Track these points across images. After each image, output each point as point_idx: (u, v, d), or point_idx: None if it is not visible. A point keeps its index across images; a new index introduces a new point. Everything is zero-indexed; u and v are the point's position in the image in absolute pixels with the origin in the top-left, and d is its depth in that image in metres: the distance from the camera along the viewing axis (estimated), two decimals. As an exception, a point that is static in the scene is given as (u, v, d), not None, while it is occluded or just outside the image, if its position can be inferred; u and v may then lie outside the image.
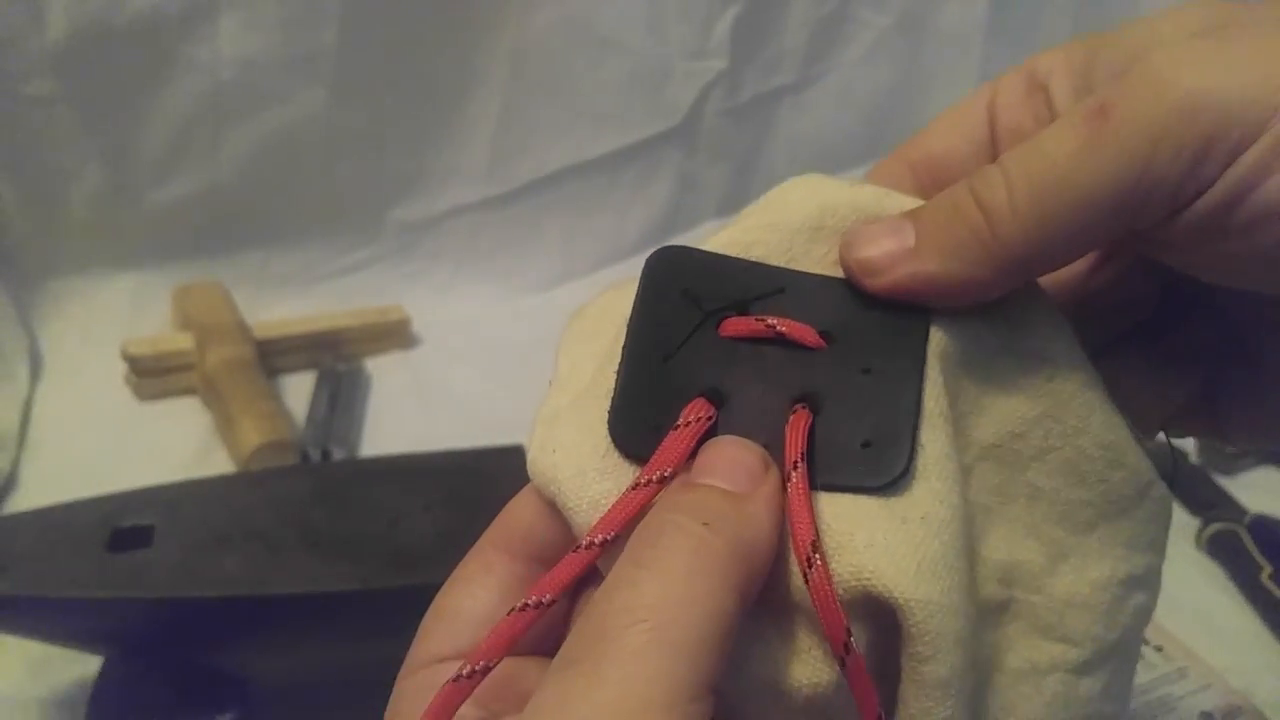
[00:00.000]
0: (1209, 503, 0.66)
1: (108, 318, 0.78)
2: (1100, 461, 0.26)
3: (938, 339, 0.24)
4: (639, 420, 0.23)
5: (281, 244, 0.84)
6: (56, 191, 0.77)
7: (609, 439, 0.24)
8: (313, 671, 0.49)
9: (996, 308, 0.26)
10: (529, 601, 0.22)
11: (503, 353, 0.79)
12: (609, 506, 0.22)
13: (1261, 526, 0.62)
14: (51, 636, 0.47)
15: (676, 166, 0.92)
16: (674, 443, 0.23)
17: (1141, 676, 0.51)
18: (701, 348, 0.24)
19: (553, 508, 0.24)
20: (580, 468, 0.23)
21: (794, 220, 0.26)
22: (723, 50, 0.88)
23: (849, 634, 0.21)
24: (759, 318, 0.24)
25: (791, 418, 0.23)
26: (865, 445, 0.23)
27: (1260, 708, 0.50)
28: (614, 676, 0.19)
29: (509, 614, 0.22)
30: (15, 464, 0.66)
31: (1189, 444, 0.72)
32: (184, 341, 0.73)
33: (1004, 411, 0.26)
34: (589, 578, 0.23)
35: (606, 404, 0.24)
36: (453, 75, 0.83)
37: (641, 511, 0.22)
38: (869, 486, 0.22)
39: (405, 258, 0.88)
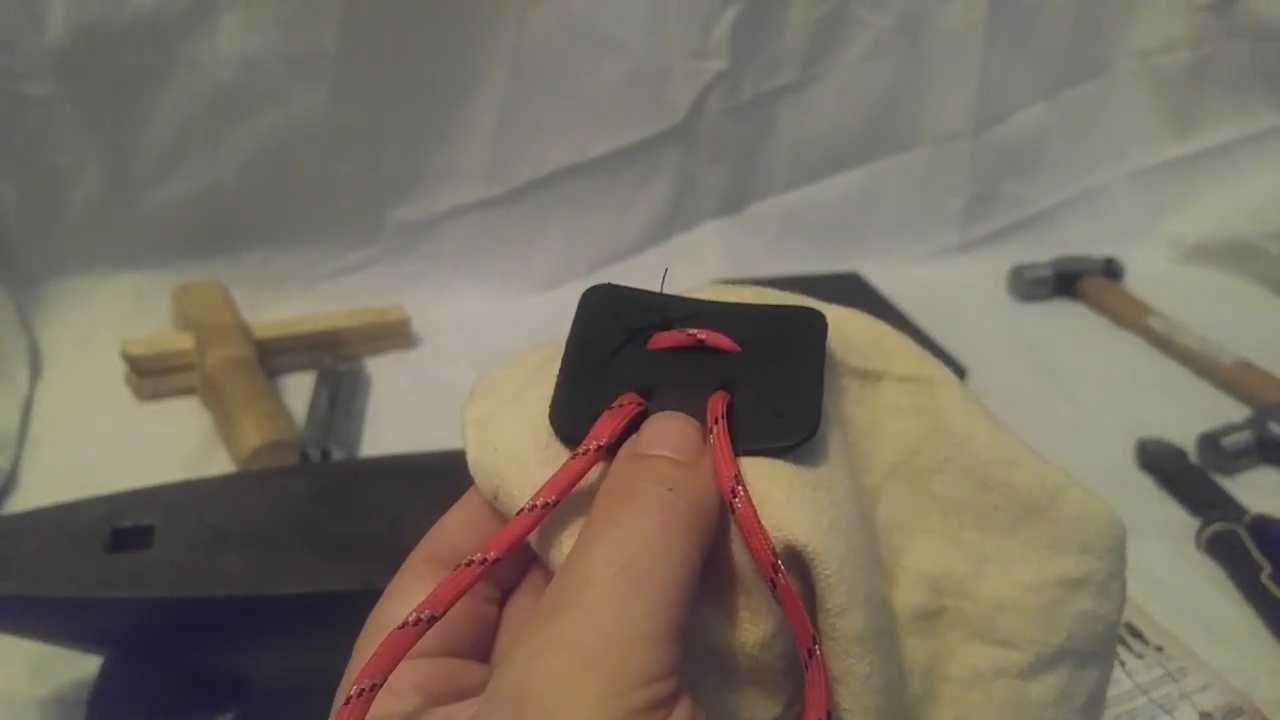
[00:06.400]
0: (1209, 503, 0.66)
1: (108, 318, 0.78)
2: (994, 464, 0.28)
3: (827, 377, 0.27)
4: (577, 410, 0.26)
5: (281, 244, 0.85)
6: (56, 191, 0.76)
7: (549, 431, 0.26)
8: (313, 671, 0.48)
9: (875, 347, 0.29)
10: (475, 558, 0.23)
11: (503, 353, 0.78)
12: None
13: (1261, 526, 0.62)
14: (51, 636, 0.47)
15: (676, 166, 0.92)
16: (608, 419, 0.25)
17: (1141, 676, 0.51)
18: (631, 357, 0.27)
19: (481, 521, 0.26)
20: (523, 459, 0.26)
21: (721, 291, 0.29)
22: (723, 50, 0.88)
23: (775, 555, 0.23)
24: (681, 329, 0.27)
25: (712, 397, 0.25)
26: (778, 415, 0.25)
27: (1260, 708, 0.50)
28: (603, 617, 0.20)
29: (457, 568, 0.23)
30: (15, 464, 0.66)
31: (1189, 444, 0.72)
32: (184, 341, 0.73)
33: (897, 433, 0.29)
34: (517, 583, 0.26)
35: (544, 406, 0.26)
36: (453, 75, 0.83)
37: (580, 478, 0.24)
38: (786, 445, 0.25)
39: (405, 258, 0.88)
